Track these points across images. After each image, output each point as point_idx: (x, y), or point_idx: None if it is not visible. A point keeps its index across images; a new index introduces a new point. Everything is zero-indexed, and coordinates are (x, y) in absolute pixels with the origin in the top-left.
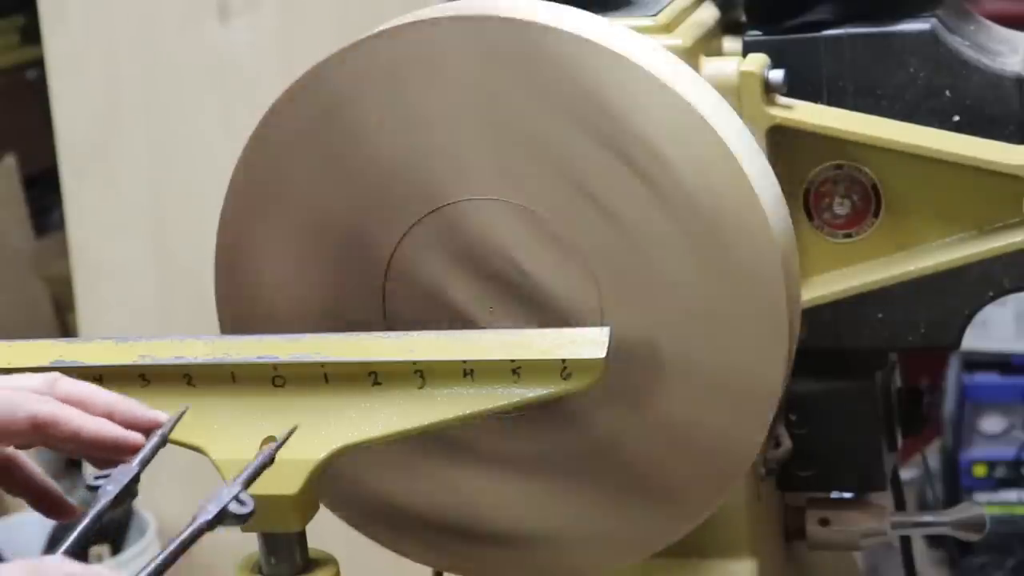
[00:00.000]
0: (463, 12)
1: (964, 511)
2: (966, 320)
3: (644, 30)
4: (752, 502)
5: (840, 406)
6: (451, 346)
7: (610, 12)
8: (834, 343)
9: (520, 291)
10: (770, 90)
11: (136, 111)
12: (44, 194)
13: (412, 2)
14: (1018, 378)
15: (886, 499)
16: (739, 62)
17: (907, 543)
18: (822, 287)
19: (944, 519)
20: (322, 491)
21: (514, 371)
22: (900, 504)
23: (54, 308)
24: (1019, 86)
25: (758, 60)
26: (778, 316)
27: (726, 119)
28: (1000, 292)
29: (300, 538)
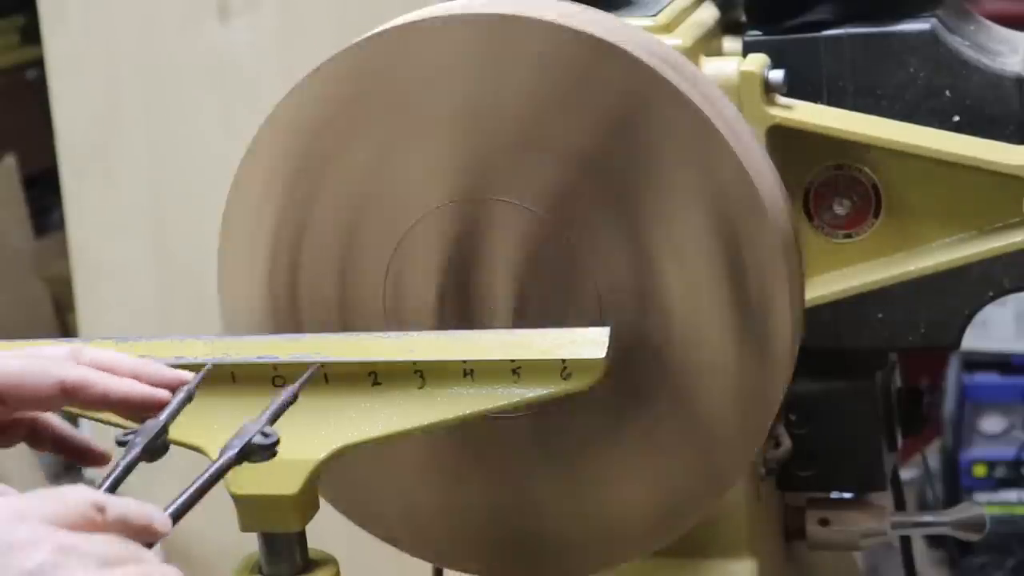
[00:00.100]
0: (463, 12)
1: (964, 511)
2: (966, 320)
3: (644, 30)
4: (752, 502)
5: (840, 406)
6: (451, 346)
7: (610, 12)
8: (834, 343)
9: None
10: (770, 90)
11: (136, 111)
12: (44, 194)
13: (412, 2)
14: (1018, 378)
15: (886, 499)
16: (739, 62)
17: (907, 543)
18: (822, 287)
19: (944, 519)
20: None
21: (514, 371)
22: (900, 504)
23: (54, 308)
24: (1019, 86)
25: (758, 60)
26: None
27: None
28: (1000, 292)
29: (300, 538)
